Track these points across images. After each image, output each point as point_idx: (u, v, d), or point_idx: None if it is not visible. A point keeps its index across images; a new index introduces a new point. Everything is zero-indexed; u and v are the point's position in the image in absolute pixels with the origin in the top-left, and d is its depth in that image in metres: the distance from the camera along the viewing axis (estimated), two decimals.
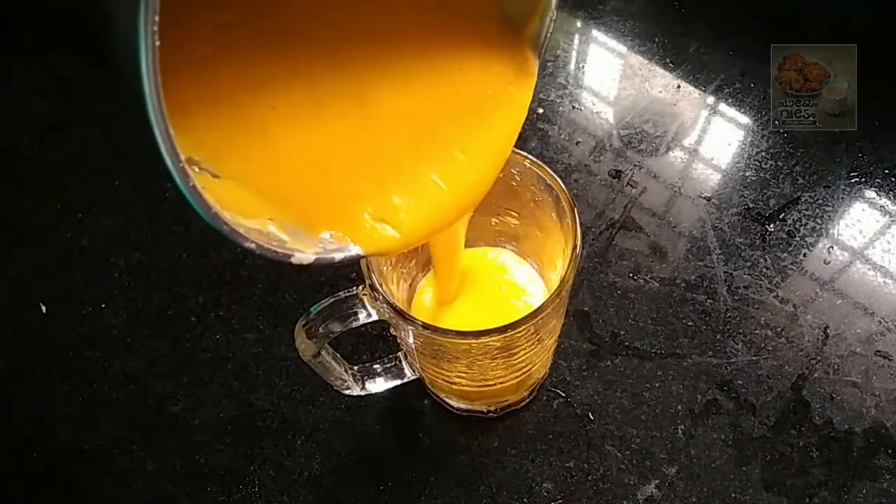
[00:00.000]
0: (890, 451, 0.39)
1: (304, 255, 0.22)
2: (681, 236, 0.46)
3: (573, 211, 0.30)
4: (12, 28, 0.57)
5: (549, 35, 0.26)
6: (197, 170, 0.21)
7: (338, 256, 0.24)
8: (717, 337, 0.43)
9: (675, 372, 0.42)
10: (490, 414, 0.41)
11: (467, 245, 0.34)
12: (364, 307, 0.31)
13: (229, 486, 0.40)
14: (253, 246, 0.19)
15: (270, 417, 0.42)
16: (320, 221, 0.24)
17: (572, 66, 0.55)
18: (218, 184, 0.21)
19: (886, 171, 0.48)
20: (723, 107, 0.51)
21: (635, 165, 0.49)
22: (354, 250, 0.24)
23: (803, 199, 0.47)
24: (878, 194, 0.47)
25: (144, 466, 0.41)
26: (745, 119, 0.51)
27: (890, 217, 0.47)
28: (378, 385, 0.38)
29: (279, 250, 0.21)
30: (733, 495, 0.38)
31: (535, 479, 0.40)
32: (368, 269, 0.29)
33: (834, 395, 0.41)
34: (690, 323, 0.43)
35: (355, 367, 0.37)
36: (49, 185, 0.51)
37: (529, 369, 0.37)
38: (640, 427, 0.40)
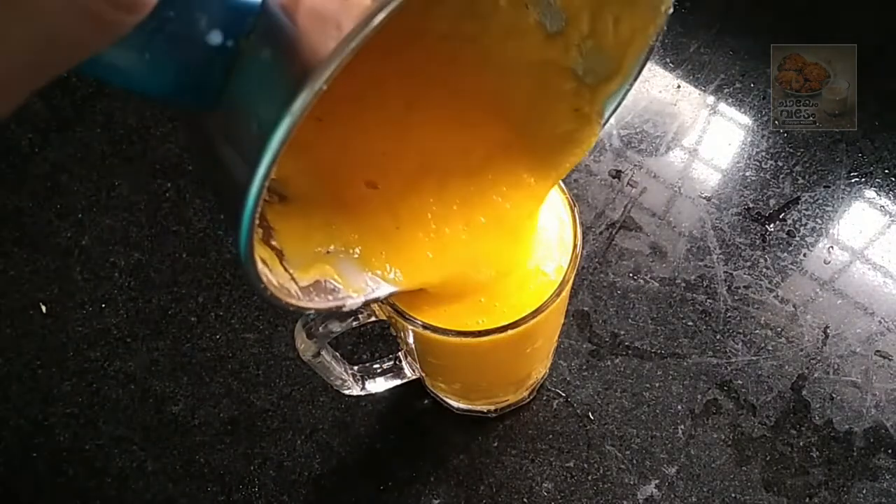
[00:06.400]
0: (890, 451, 0.39)
1: (355, 300, 0.23)
2: (681, 236, 0.46)
3: (573, 211, 0.30)
4: None
5: (623, 100, 0.25)
6: (266, 197, 0.21)
7: (381, 294, 0.24)
8: (717, 337, 0.43)
9: (675, 372, 0.42)
10: (490, 414, 0.41)
11: None
12: (364, 307, 0.31)
13: (229, 486, 0.40)
14: (312, 313, 0.20)
15: (270, 417, 0.42)
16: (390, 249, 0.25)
17: None
18: (282, 211, 0.22)
19: (886, 171, 0.48)
20: (723, 107, 0.51)
21: (635, 165, 0.49)
22: (396, 285, 0.25)
23: (803, 199, 0.47)
24: (878, 194, 0.47)
25: (144, 466, 0.41)
26: (745, 119, 0.51)
27: (890, 217, 0.47)
28: (378, 385, 0.38)
29: (334, 304, 0.22)
30: (733, 495, 0.38)
31: (535, 479, 0.40)
32: None
33: (834, 395, 0.41)
34: (690, 323, 0.43)
35: (355, 367, 0.37)
36: (49, 185, 0.51)
37: (529, 369, 0.38)
38: (640, 427, 0.40)
